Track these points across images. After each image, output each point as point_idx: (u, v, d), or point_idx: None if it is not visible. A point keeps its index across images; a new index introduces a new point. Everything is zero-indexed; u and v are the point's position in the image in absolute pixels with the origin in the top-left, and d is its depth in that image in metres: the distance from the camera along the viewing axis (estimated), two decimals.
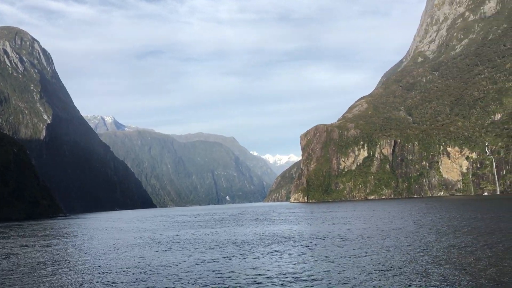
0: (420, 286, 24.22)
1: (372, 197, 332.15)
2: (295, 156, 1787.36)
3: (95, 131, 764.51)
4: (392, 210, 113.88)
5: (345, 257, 35.14)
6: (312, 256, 35.99)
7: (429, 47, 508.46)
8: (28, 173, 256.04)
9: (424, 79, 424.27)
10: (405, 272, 28.03)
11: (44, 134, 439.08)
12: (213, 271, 31.38)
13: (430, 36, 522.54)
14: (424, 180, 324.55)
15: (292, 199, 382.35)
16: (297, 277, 27.89)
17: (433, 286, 24.09)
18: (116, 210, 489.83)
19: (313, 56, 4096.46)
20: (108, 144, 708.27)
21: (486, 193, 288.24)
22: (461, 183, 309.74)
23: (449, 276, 26.42)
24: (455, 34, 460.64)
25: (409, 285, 24.57)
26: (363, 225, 67.50)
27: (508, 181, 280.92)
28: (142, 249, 47.25)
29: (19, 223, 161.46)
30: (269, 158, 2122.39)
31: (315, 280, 26.96)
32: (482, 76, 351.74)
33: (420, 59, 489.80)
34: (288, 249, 41.14)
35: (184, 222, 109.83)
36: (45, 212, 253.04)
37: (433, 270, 28.13)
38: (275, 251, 40.52)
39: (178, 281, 28.35)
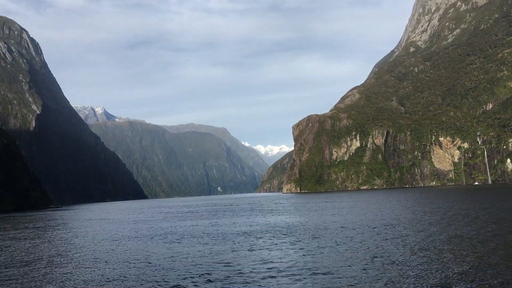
0: (442, 280, 23.08)
1: (365, 187, 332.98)
2: (287, 147, 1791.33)
3: (85, 122, 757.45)
4: (389, 200, 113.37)
5: (359, 249, 33.98)
6: (323, 248, 34.61)
7: (421, 37, 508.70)
8: (18, 164, 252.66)
9: (416, 69, 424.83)
10: (423, 264, 26.90)
11: (34, 125, 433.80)
12: (222, 263, 29.90)
13: (422, 26, 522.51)
14: (416, 170, 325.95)
15: (284, 190, 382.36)
16: (311, 270, 26.65)
17: (457, 280, 22.96)
18: (108, 201, 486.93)
19: (303, 46, 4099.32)
20: (98, 135, 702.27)
21: (476, 183, 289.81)
22: (452, 173, 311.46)
23: (470, 268, 25.21)
24: (447, 24, 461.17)
25: (431, 279, 23.45)
26: (366, 215, 66.51)
27: (499, 171, 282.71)
28: (143, 241, 45.61)
29: (9, 214, 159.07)
30: (261, 148, 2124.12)
31: (331, 274, 25.76)
32: (473, 66, 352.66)
33: (412, 49, 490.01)
34: (297, 241, 39.75)
35: (180, 213, 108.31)
36: (36, 204, 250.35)
37: (450, 263, 26.95)
38: (283, 242, 39.08)
39: (187, 274, 26.80)
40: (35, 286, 26.40)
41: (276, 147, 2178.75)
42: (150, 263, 31.64)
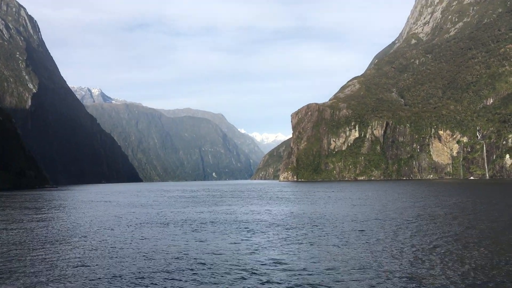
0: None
1: (362, 178, 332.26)
2: (282, 135, 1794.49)
3: (82, 103, 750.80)
4: (394, 192, 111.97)
5: (406, 244, 32.21)
6: (370, 244, 32.04)
7: (423, 29, 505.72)
8: (14, 142, 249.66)
9: (417, 61, 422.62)
10: (460, 266, 25.16)
11: (30, 104, 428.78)
12: (267, 259, 27.11)
13: (424, 18, 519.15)
14: (414, 163, 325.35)
15: (281, 178, 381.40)
16: (365, 268, 24.84)
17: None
18: (103, 183, 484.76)
19: (303, 36, 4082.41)
20: (94, 116, 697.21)
21: (472, 177, 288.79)
22: (451, 167, 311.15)
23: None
24: (450, 17, 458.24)
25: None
26: (384, 206, 64.71)
27: (497, 166, 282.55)
28: (160, 228, 42.79)
29: (4, 193, 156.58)
30: (257, 136, 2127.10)
31: (388, 272, 23.97)
32: (475, 60, 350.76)
33: (413, 41, 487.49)
34: (332, 233, 37.15)
35: (184, 197, 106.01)
36: (31, 183, 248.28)
37: (490, 264, 25.26)
38: (321, 236, 36.11)
39: (237, 273, 23.67)
40: (43, 276, 24.45)
41: (272, 135, 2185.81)
42: (186, 255, 28.86)
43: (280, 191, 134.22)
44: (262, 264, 25.50)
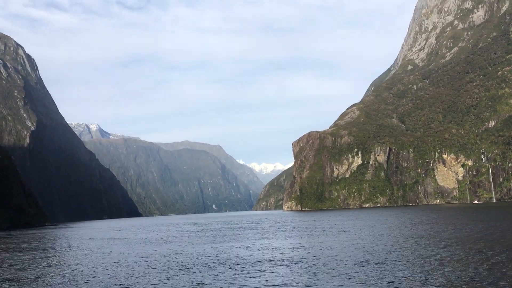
0: None
1: (367, 205, 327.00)
2: (281, 165, 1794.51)
3: (80, 139, 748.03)
4: (406, 218, 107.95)
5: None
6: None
7: (418, 55, 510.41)
8: (13, 180, 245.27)
9: (415, 87, 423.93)
10: None
11: (28, 142, 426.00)
12: None
13: (419, 45, 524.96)
14: (419, 188, 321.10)
15: (285, 208, 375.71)
16: None
17: None
18: (104, 219, 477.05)
19: (296, 66, 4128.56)
20: (93, 152, 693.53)
21: (475, 201, 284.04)
22: (457, 191, 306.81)
23: None
24: (445, 42, 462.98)
25: None
26: (420, 235, 61.05)
27: (505, 189, 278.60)
28: (207, 270, 36.91)
29: (5, 233, 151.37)
30: (255, 166, 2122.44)
31: None
32: (474, 84, 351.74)
33: (409, 67, 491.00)
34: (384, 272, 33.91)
35: (199, 231, 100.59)
36: (31, 221, 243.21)
37: None
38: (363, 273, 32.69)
39: None
40: None
41: (271, 164, 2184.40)
42: None
43: (299, 221, 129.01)
44: None
